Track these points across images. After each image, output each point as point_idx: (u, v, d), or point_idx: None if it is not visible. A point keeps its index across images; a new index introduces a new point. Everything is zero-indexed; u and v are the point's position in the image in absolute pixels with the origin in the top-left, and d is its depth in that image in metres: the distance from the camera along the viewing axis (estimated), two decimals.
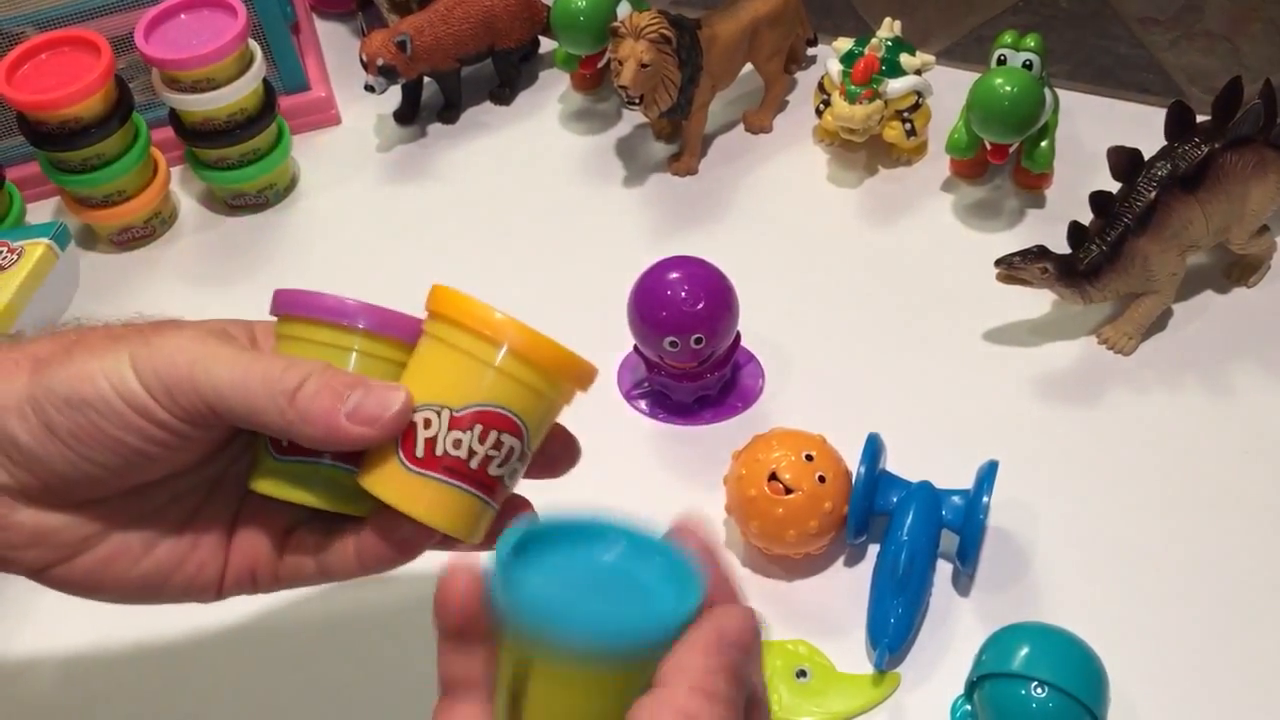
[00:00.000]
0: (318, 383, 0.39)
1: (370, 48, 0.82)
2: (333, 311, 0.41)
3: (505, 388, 0.40)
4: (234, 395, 0.39)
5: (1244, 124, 0.68)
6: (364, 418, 0.39)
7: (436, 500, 0.39)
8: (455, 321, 0.40)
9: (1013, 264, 0.69)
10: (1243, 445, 0.67)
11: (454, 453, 0.39)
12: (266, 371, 0.39)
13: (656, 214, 0.82)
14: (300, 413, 0.39)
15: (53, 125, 0.76)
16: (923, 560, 0.59)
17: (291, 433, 0.39)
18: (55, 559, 0.41)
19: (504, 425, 0.40)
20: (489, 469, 0.40)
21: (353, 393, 0.39)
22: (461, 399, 0.39)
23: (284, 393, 0.39)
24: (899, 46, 0.81)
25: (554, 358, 0.40)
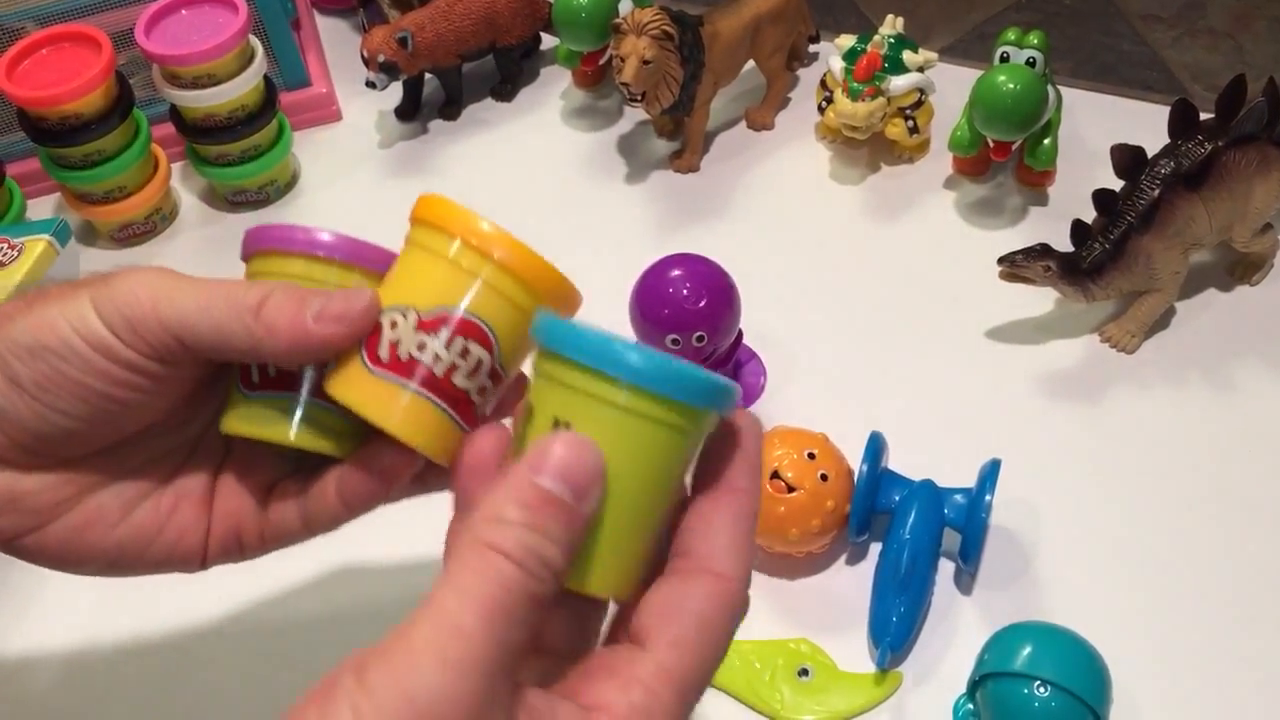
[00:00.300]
0: (282, 295, 0.38)
1: (371, 44, 0.82)
2: (304, 243, 0.40)
3: (475, 292, 0.38)
4: (198, 319, 0.38)
5: (1247, 122, 0.68)
6: (330, 316, 0.38)
7: (397, 404, 0.37)
8: (427, 221, 0.39)
9: (1015, 262, 0.69)
10: (1246, 443, 0.67)
11: (418, 355, 0.37)
12: (229, 292, 0.38)
13: (658, 211, 0.82)
14: (266, 325, 0.38)
15: (53, 121, 0.76)
16: (925, 559, 0.59)
17: (260, 349, 0.38)
18: (28, 525, 0.40)
19: (472, 333, 0.38)
20: (454, 378, 0.38)
21: (317, 299, 0.38)
22: (429, 301, 0.38)
23: (248, 309, 0.38)
24: (901, 43, 0.81)
25: (531, 266, 0.38)
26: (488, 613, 0.31)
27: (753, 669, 0.58)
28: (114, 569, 0.42)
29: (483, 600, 0.31)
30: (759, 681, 0.58)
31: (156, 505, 0.42)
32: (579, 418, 0.34)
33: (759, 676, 0.58)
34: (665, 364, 0.34)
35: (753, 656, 0.59)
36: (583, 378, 0.34)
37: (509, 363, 0.39)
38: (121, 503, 0.41)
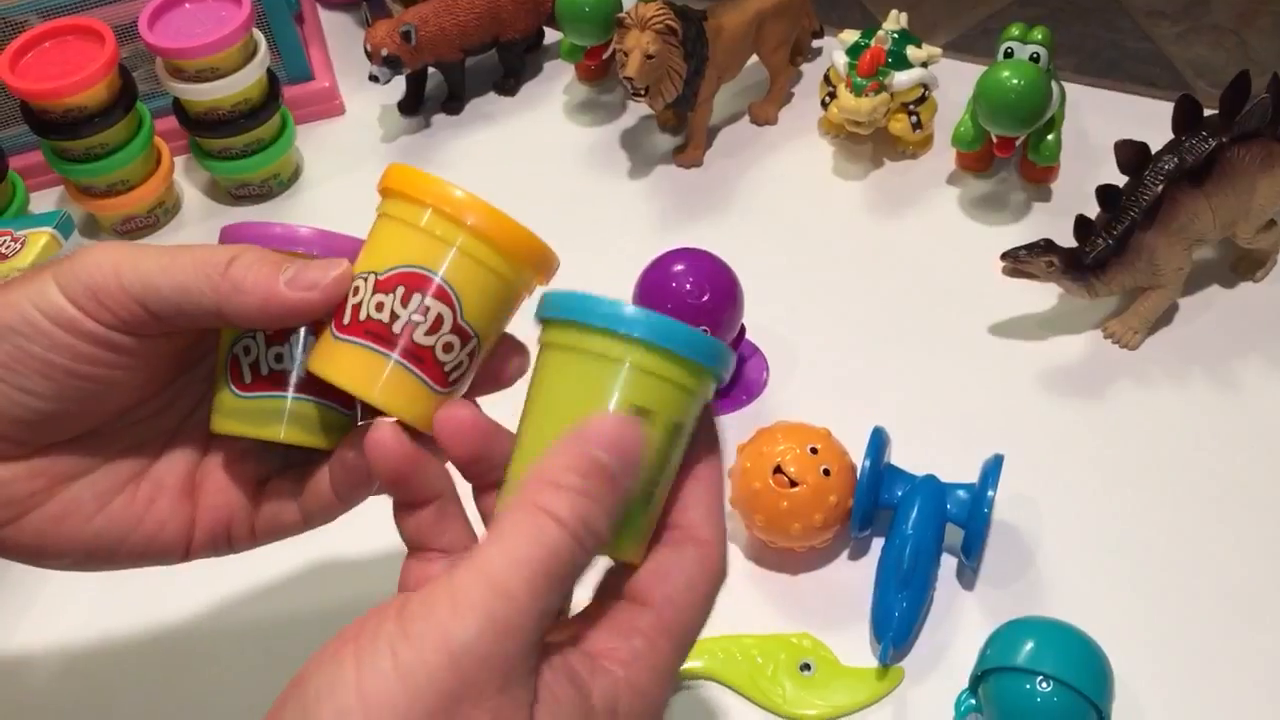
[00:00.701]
0: (253, 257, 0.38)
1: (374, 38, 0.82)
2: (282, 240, 0.40)
3: (428, 247, 0.38)
4: (161, 280, 0.37)
5: (1251, 118, 0.68)
6: (304, 283, 0.38)
7: (360, 365, 0.38)
8: (383, 189, 0.39)
9: (1018, 257, 0.69)
10: (1248, 440, 0.67)
11: (376, 315, 0.38)
12: (196, 253, 0.38)
13: (661, 206, 0.82)
14: (234, 283, 0.37)
15: (56, 114, 0.76)
16: (927, 554, 0.59)
17: (226, 308, 0.38)
18: (2, 518, 0.40)
19: (427, 288, 0.37)
20: (414, 335, 0.38)
21: (292, 265, 0.38)
22: (386, 262, 0.38)
23: (215, 266, 0.38)
24: (905, 39, 0.81)
25: (489, 220, 0.38)
26: (536, 578, 0.32)
27: (755, 663, 0.58)
28: (91, 561, 0.42)
29: (532, 565, 0.32)
30: (761, 676, 0.58)
31: (133, 497, 0.42)
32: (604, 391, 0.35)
33: (761, 671, 0.58)
34: (676, 327, 0.35)
35: (755, 651, 0.59)
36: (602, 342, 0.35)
37: (478, 321, 0.38)
38: (97, 494, 0.41)
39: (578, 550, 0.33)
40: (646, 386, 0.35)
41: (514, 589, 0.32)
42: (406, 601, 0.32)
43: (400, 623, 0.32)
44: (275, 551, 0.62)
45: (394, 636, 0.31)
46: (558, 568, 0.33)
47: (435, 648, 0.31)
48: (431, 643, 0.31)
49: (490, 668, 0.31)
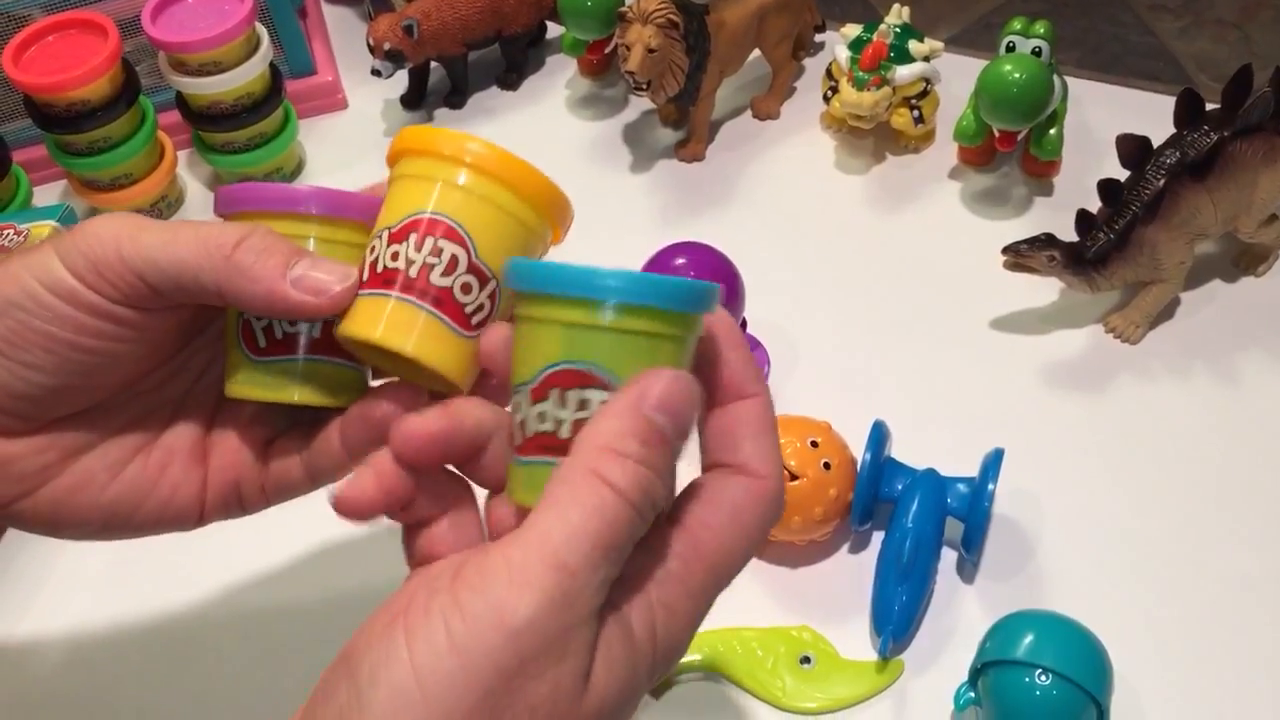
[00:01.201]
0: (262, 242, 0.37)
1: (377, 32, 0.82)
2: (281, 200, 0.39)
3: (432, 192, 0.38)
4: (162, 255, 0.37)
5: (1254, 112, 0.68)
6: (310, 286, 0.37)
7: (380, 314, 0.37)
8: (392, 153, 0.39)
9: (1020, 252, 0.69)
10: (1250, 434, 0.67)
11: (392, 265, 0.37)
12: (201, 230, 0.38)
13: (663, 200, 0.82)
14: (239, 267, 0.37)
15: (60, 108, 0.76)
16: (927, 548, 0.59)
17: (229, 290, 0.37)
18: (15, 492, 0.40)
19: (438, 230, 0.37)
20: (431, 276, 0.37)
21: (300, 260, 0.37)
22: (398, 216, 0.38)
23: (219, 248, 0.37)
24: (907, 33, 0.81)
25: (491, 158, 0.38)
26: (594, 551, 0.31)
27: (755, 656, 0.58)
28: (108, 530, 0.42)
29: (590, 538, 0.31)
30: (761, 669, 0.58)
31: (145, 464, 0.42)
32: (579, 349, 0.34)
33: (761, 664, 0.58)
34: (645, 279, 0.34)
35: (755, 644, 0.59)
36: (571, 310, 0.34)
37: (494, 260, 0.38)
38: (109, 464, 0.41)
39: (637, 521, 0.32)
40: (584, 340, 0.34)
41: (573, 563, 0.31)
42: (459, 571, 0.32)
43: (453, 594, 0.31)
44: (285, 539, 0.62)
45: (447, 610, 0.31)
46: (616, 540, 0.32)
47: (492, 624, 0.30)
48: (488, 620, 0.30)
49: (549, 641, 0.31)
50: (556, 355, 0.34)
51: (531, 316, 0.35)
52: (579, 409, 0.34)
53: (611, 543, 0.32)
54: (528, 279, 0.35)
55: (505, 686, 0.30)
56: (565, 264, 0.34)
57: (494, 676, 0.30)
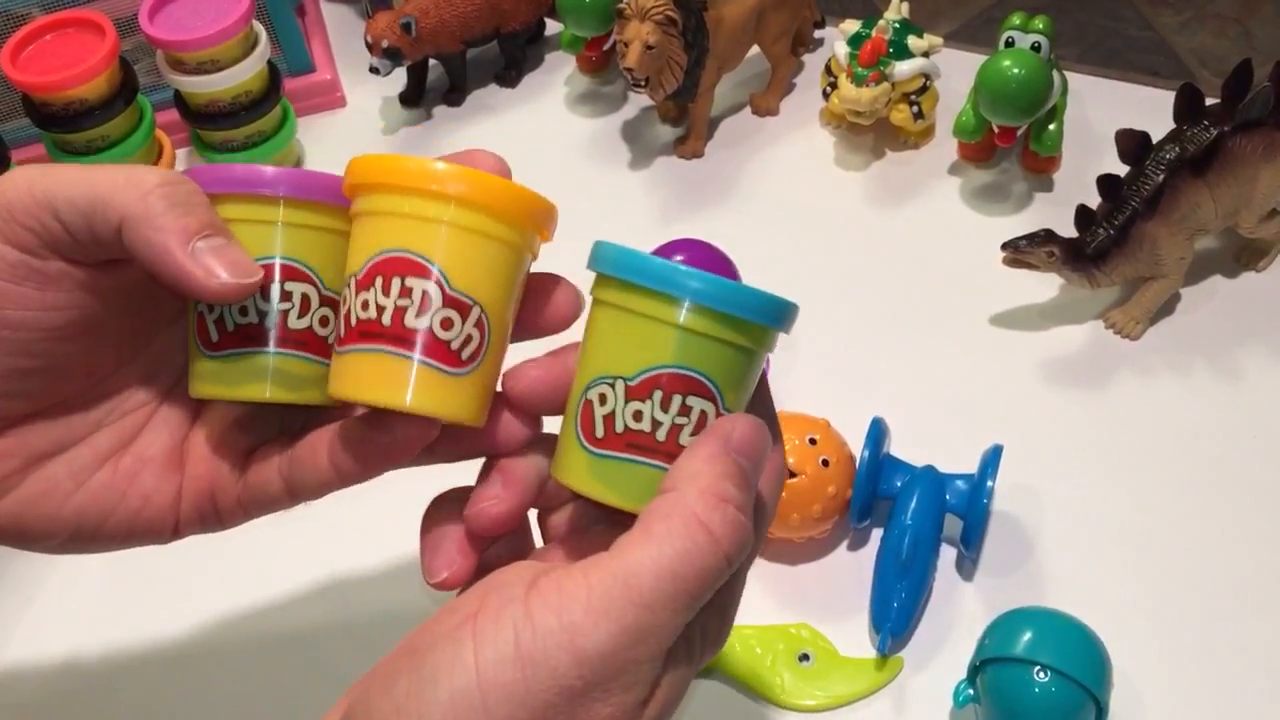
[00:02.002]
0: (186, 195, 0.35)
1: (375, 30, 0.82)
2: (244, 182, 0.37)
3: (386, 228, 0.35)
4: (78, 188, 0.34)
5: (1254, 107, 0.68)
6: (205, 264, 0.35)
7: (360, 371, 0.35)
8: (347, 186, 0.37)
9: (1019, 248, 0.69)
10: (1249, 430, 0.67)
11: (364, 315, 0.35)
12: (123, 168, 0.35)
13: (662, 197, 0.82)
14: (150, 209, 0.34)
15: (57, 107, 0.76)
16: (926, 545, 0.59)
17: (131, 227, 0.34)
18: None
19: (400, 268, 0.35)
20: (405, 320, 0.35)
21: (212, 236, 0.35)
22: (359, 261, 0.36)
23: (139, 183, 0.34)
24: (906, 29, 0.81)
25: (430, 173, 0.34)
26: (679, 595, 0.31)
27: (754, 654, 0.58)
28: (76, 542, 0.39)
29: (677, 583, 0.31)
30: (760, 666, 0.58)
31: (114, 472, 0.39)
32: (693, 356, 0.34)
33: (760, 661, 0.58)
34: (766, 296, 0.34)
35: (753, 641, 0.59)
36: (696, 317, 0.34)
37: (472, 288, 0.35)
38: (74, 471, 0.39)
39: (725, 570, 0.32)
40: (701, 348, 0.34)
41: (656, 603, 0.31)
42: (535, 583, 0.32)
43: (527, 606, 0.31)
44: (284, 552, 0.62)
45: (519, 621, 0.31)
46: (704, 587, 0.32)
47: (563, 645, 0.30)
48: (559, 640, 0.30)
49: (616, 672, 0.31)
50: (667, 357, 0.34)
51: (640, 311, 0.34)
52: (681, 414, 0.34)
53: (698, 591, 0.32)
54: (647, 274, 0.34)
55: (567, 705, 0.31)
56: (692, 269, 0.34)
57: (556, 694, 0.30)
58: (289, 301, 0.38)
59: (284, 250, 0.37)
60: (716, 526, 0.32)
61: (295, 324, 0.38)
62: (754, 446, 0.34)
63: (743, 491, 0.33)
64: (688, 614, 0.32)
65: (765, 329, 0.35)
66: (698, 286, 0.34)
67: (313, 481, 0.39)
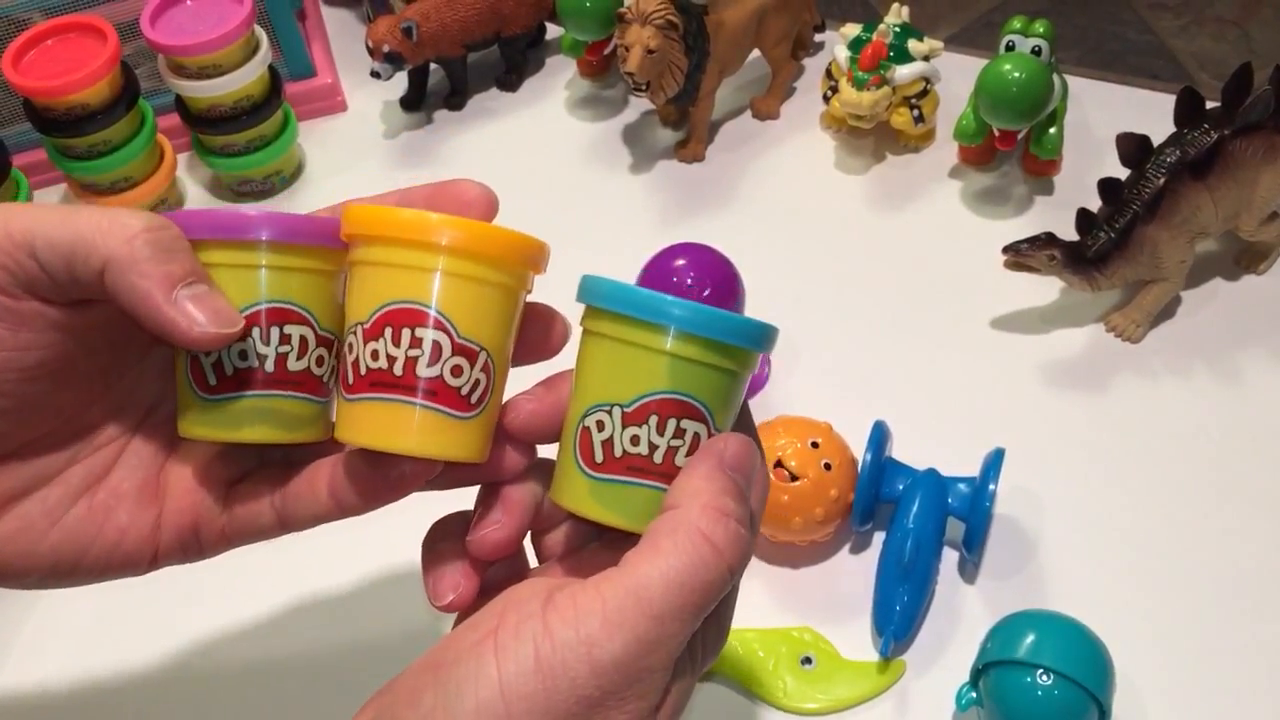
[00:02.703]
0: (170, 242, 0.35)
1: (376, 34, 0.82)
2: (229, 227, 0.37)
3: (398, 279, 0.36)
4: (59, 230, 0.34)
5: (1254, 110, 0.68)
6: (186, 312, 0.35)
7: (371, 419, 0.36)
8: (345, 236, 0.37)
9: (1020, 251, 0.69)
10: (1251, 432, 0.67)
11: (373, 365, 0.36)
12: (106, 211, 0.35)
13: (663, 200, 0.82)
14: (134, 255, 0.34)
15: (59, 111, 0.76)
16: (928, 548, 0.59)
17: (115, 273, 0.34)
18: None
19: (411, 319, 0.36)
20: (417, 370, 0.36)
21: (195, 284, 0.35)
22: (366, 309, 0.36)
23: (123, 227, 0.34)
24: (907, 32, 0.81)
25: (445, 229, 0.35)
26: (688, 606, 0.33)
27: (756, 657, 0.58)
28: (54, 578, 0.39)
29: (685, 594, 0.33)
30: (762, 670, 0.58)
31: (89, 508, 0.39)
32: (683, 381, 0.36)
33: (762, 665, 0.58)
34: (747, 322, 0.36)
35: (756, 645, 0.59)
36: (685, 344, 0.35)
37: (479, 334, 0.36)
38: (48, 509, 0.38)
39: (729, 580, 0.34)
40: (692, 374, 0.36)
41: (666, 614, 0.33)
42: (550, 598, 0.33)
43: (544, 621, 0.33)
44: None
45: (538, 635, 0.32)
46: (710, 597, 0.34)
47: (580, 657, 0.32)
48: (577, 652, 0.32)
49: (630, 680, 0.33)
50: (661, 384, 0.36)
51: (632, 341, 0.36)
52: (676, 437, 0.36)
53: (705, 601, 0.33)
54: (636, 306, 0.36)
55: (586, 713, 0.32)
56: (679, 299, 0.36)
57: (576, 703, 0.32)
58: (288, 344, 0.38)
59: (274, 294, 0.38)
60: (720, 539, 0.34)
61: (294, 366, 0.38)
62: (746, 462, 0.36)
63: (740, 505, 0.35)
64: (695, 624, 0.34)
65: (749, 352, 0.37)
66: (686, 315, 0.35)
67: (310, 514, 0.39)
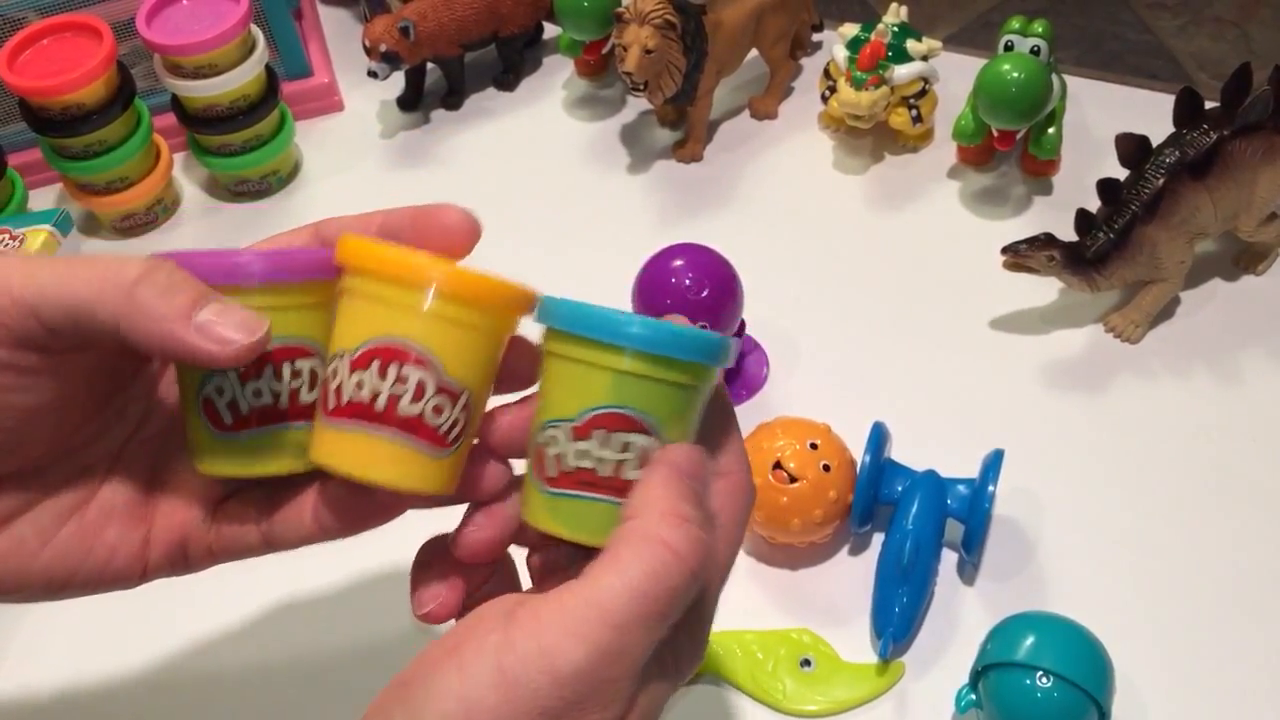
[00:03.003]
0: (168, 278, 0.35)
1: (373, 33, 0.82)
2: (219, 272, 0.37)
3: (392, 316, 0.36)
4: (58, 293, 0.34)
5: (1253, 110, 0.68)
6: (216, 335, 0.35)
7: (356, 449, 0.37)
8: (342, 264, 0.38)
9: (1019, 251, 0.69)
10: (1250, 433, 0.67)
11: (357, 395, 0.36)
12: (100, 266, 0.35)
13: (661, 201, 0.82)
14: (140, 303, 0.34)
15: (55, 111, 0.76)
16: (927, 549, 0.59)
17: (127, 326, 0.35)
18: None
19: (400, 356, 0.36)
20: (399, 407, 0.36)
21: (209, 304, 0.35)
22: (355, 339, 0.37)
23: (119, 282, 0.34)
24: (905, 32, 0.81)
25: (442, 275, 0.36)
26: (651, 614, 0.33)
27: (755, 659, 0.58)
28: (48, 593, 0.39)
29: (647, 602, 0.33)
30: (761, 672, 0.58)
31: (80, 527, 0.39)
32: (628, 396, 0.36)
33: (761, 667, 0.58)
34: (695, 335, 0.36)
35: (755, 647, 0.59)
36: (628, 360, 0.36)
37: (463, 375, 0.37)
38: (39, 530, 0.39)
39: (693, 585, 0.34)
40: (635, 388, 0.36)
41: (628, 623, 0.33)
42: (513, 613, 0.33)
43: (506, 634, 0.33)
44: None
45: (499, 648, 0.33)
46: (673, 604, 0.33)
47: (542, 668, 0.32)
48: (538, 664, 0.32)
49: (593, 690, 0.32)
50: (605, 399, 0.36)
51: (579, 359, 0.36)
52: (622, 451, 0.36)
53: (669, 608, 0.33)
54: (581, 324, 0.36)
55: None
56: (622, 313, 0.36)
57: (538, 714, 0.32)
58: (299, 379, 0.39)
59: (279, 332, 0.38)
60: (680, 545, 0.34)
61: (306, 398, 0.39)
62: (699, 470, 0.36)
63: (698, 509, 0.35)
64: (660, 631, 0.34)
65: (698, 365, 0.37)
66: (630, 331, 0.36)
67: (295, 537, 0.40)
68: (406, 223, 0.40)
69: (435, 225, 0.39)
